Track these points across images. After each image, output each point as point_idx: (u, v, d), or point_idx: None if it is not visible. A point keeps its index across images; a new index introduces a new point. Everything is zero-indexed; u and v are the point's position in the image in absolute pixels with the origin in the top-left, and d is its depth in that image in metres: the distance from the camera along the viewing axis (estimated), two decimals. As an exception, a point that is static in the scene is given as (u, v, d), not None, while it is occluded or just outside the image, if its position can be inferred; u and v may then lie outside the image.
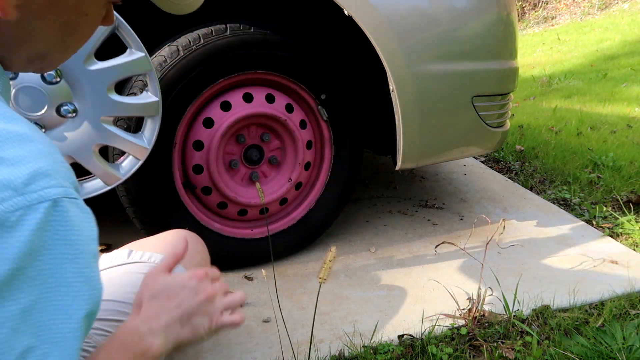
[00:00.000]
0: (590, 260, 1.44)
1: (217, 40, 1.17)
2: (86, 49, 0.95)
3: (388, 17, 1.19)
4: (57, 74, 0.95)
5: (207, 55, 1.16)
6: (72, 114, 0.99)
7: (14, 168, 0.33)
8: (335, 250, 0.82)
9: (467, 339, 1.08)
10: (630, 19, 8.13)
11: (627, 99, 3.99)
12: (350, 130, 1.41)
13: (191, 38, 1.16)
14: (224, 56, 1.17)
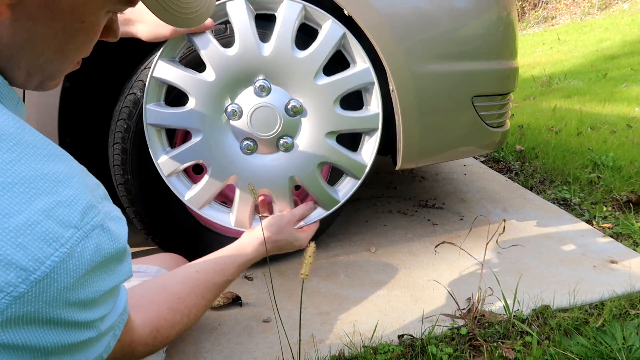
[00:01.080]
0: (590, 260, 1.44)
1: (217, 40, 1.17)
2: (315, 64, 1.00)
3: (388, 17, 1.19)
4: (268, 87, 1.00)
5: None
6: (297, 113, 1.04)
7: (70, 208, 0.41)
8: (315, 245, 0.81)
9: (467, 339, 1.08)
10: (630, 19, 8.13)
11: (627, 99, 3.99)
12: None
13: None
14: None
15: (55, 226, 0.39)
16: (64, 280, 0.40)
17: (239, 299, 1.24)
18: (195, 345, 1.08)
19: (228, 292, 1.25)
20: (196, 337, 1.11)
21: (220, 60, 1.02)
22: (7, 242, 0.37)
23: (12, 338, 0.38)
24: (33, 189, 0.39)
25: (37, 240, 0.38)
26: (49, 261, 0.39)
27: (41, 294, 0.39)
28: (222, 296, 1.23)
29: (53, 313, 0.40)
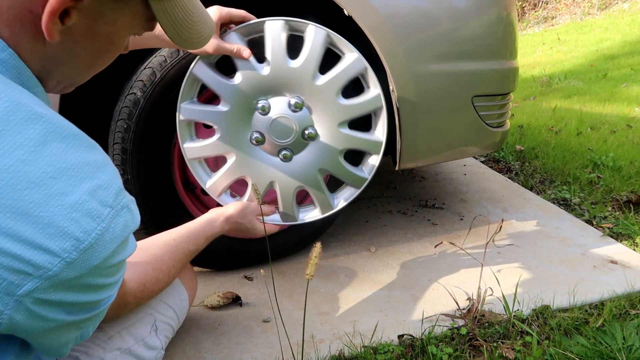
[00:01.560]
0: (590, 260, 1.44)
1: (217, 40, 1.17)
2: (337, 86, 1.11)
3: (388, 17, 1.19)
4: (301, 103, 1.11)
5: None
6: (313, 138, 1.15)
7: (107, 190, 0.49)
8: (320, 246, 0.82)
9: (467, 339, 1.08)
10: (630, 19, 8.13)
11: (627, 99, 3.99)
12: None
13: (191, 38, 1.16)
14: (224, 56, 1.17)
15: (97, 205, 0.48)
16: (102, 251, 0.49)
17: (239, 299, 1.24)
18: (195, 345, 1.08)
19: (228, 292, 1.25)
20: (196, 337, 1.11)
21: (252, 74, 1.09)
22: (64, 216, 0.45)
23: (57, 297, 0.47)
24: (80, 173, 0.47)
25: (85, 216, 0.47)
26: (94, 233, 0.47)
27: (85, 261, 0.47)
28: (222, 296, 1.23)
29: (90, 279, 0.49)
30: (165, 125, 1.19)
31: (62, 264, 0.45)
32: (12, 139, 0.44)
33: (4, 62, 0.48)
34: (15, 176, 0.43)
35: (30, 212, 0.44)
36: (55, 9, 0.47)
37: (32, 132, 0.45)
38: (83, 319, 0.53)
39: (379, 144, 1.23)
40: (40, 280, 0.45)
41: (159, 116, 1.17)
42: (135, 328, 0.86)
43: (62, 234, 0.45)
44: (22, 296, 0.45)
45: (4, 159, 0.43)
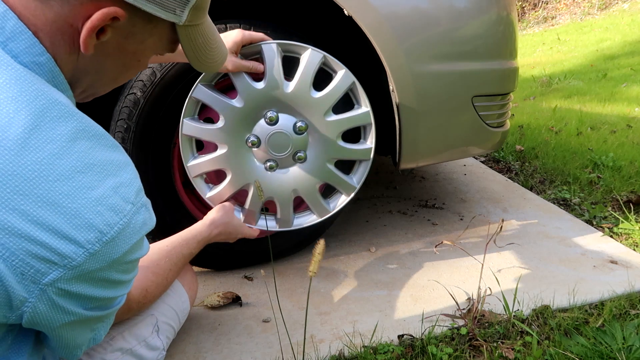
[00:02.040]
0: (590, 260, 1.44)
1: (217, 40, 1.17)
2: (328, 105, 1.19)
3: (388, 17, 1.19)
4: (305, 126, 1.19)
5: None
6: (302, 161, 1.23)
7: (129, 188, 0.53)
8: (324, 242, 0.83)
9: (467, 339, 1.08)
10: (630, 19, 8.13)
11: (627, 99, 3.99)
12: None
13: (191, 38, 1.16)
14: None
15: (120, 200, 0.51)
16: (122, 245, 0.51)
17: (239, 299, 1.24)
18: (195, 345, 1.08)
19: (228, 292, 1.25)
20: (196, 337, 1.11)
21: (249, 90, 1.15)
22: (90, 209, 0.48)
23: (77, 289, 0.49)
24: (105, 170, 0.50)
25: (108, 210, 0.49)
26: (116, 227, 0.50)
27: (106, 254, 0.50)
28: (222, 296, 1.23)
29: (108, 274, 0.52)
30: (165, 126, 1.19)
31: (86, 255, 0.48)
32: (47, 133, 0.47)
33: (41, 65, 0.52)
34: (47, 168, 0.46)
35: (60, 203, 0.46)
36: (95, 25, 0.52)
37: (65, 129, 0.48)
38: (97, 317, 0.55)
39: (369, 150, 1.28)
40: (65, 270, 0.47)
41: (159, 116, 1.17)
42: (137, 329, 0.87)
43: (87, 226, 0.48)
44: (46, 285, 0.47)
45: (38, 152, 0.46)
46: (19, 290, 0.46)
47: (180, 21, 0.59)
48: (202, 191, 1.22)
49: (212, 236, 1.06)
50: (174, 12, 0.57)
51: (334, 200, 1.33)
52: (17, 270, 0.45)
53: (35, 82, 0.49)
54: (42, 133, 0.46)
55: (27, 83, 0.48)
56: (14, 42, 0.49)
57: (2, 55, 0.48)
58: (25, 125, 0.45)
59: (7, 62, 0.48)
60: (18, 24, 0.49)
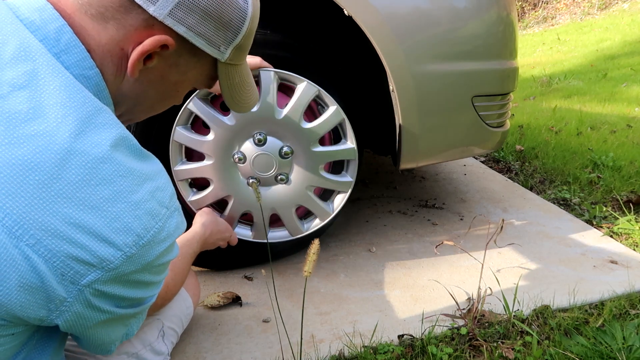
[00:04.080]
0: (590, 260, 1.44)
1: (217, 40, 1.17)
2: (315, 136, 1.24)
3: (388, 17, 1.19)
4: (290, 150, 1.24)
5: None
6: (283, 182, 1.28)
7: (164, 192, 0.54)
8: (318, 243, 0.83)
9: (467, 339, 1.08)
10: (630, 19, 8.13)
11: (627, 99, 3.99)
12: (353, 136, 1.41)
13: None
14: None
15: (156, 205, 0.52)
16: (157, 248, 0.53)
17: (239, 299, 1.24)
18: (195, 345, 1.08)
19: (228, 292, 1.25)
20: (196, 337, 1.11)
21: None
22: (129, 213, 0.49)
23: (112, 290, 0.51)
24: (143, 175, 0.52)
25: (146, 214, 0.51)
26: (152, 231, 0.51)
27: (141, 257, 0.51)
28: (222, 296, 1.23)
29: (141, 276, 0.53)
30: (165, 127, 1.19)
31: (123, 258, 0.49)
32: (92, 139, 0.48)
33: (89, 78, 0.54)
34: (91, 172, 0.47)
35: (101, 207, 0.48)
36: (146, 50, 0.55)
37: (108, 135, 0.50)
38: (130, 314, 0.57)
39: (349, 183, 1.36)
40: (102, 272, 0.49)
41: (159, 117, 1.17)
42: (143, 333, 0.87)
43: (126, 230, 0.49)
44: (84, 286, 0.48)
45: (83, 156, 0.47)
46: (58, 291, 0.47)
47: (223, 58, 0.62)
48: (185, 195, 1.26)
49: (207, 236, 1.10)
50: (218, 49, 0.61)
51: (309, 221, 1.39)
52: (58, 271, 0.46)
53: (84, 90, 0.51)
54: (88, 138, 0.48)
55: (76, 90, 0.50)
56: (67, 54, 0.52)
57: (56, 64, 0.50)
58: (72, 130, 0.47)
59: (60, 70, 0.50)
60: (73, 38, 0.52)
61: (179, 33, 0.56)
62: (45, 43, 0.51)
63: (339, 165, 1.36)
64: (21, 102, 0.46)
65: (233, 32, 0.61)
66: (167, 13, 0.55)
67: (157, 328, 0.91)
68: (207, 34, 0.58)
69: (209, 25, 0.58)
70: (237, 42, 0.62)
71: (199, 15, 0.57)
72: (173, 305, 0.97)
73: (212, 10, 0.57)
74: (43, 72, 0.49)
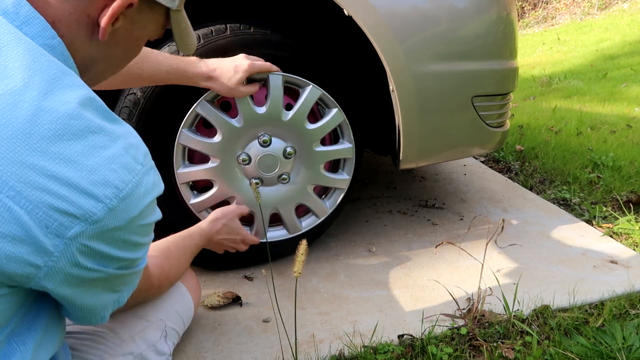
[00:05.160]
0: (590, 260, 1.44)
1: (217, 40, 1.17)
2: (317, 137, 1.28)
3: (388, 17, 1.19)
4: (293, 150, 1.28)
5: (207, 55, 1.16)
6: (285, 182, 1.31)
7: (138, 150, 0.55)
8: (306, 243, 0.85)
9: (467, 339, 1.08)
10: (630, 19, 8.13)
11: (627, 99, 3.99)
12: (352, 135, 1.41)
13: (191, 38, 1.16)
14: (224, 56, 1.17)
15: (131, 160, 0.54)
16: (138, 203, 0.54)
17: (239, 299, 1.24)
18: (195, 345, 1.08)
19: (228, 292, 1.25)
20: (196, 337, 1.11)
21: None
22: (105, 166, 0.51)
23: (99, 247, 0.52)
24: (115, 133, 0.53)
25: (122, 167, 0.52)
26: (130, 184, 0.53)
27: (124, 211, 0.52)
28: (222, 296, 1.23)
29: (127, 235, 0.55)
30: (166, 125, 1.19)
31: (105, 210, 0.51)
32: (60, 97, 0.50)
33: (53, 48, 0.55)
34: (62, 128, 0.49)
35: (76, 160, 0.49)
36: (116, 12, 0.57)
37: (76, 95, 0.51)
38: (118, 276, 0.58)
39: (346, 180, 1.39)
40: (87, 225, 0.50)
41: (159, 116, 1.17)
42: (146, 334, 0.89)
43: (104, 182, 0.50)
44: (70, 239, 0.49)
45: (53, 113, 0.48)
46: (45, 243, 0.48)
47: (174, 6, 0.66)
48: (187, 197, 1.26)
49: (214, 232, 1.12)
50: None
51: (305, 219, 1.41)
52: (42, 222, 0.47)
53: (48, 55, 0.53)
54: (56, 97, 0.50)
55: (41, 54, 0.52)
56: (28, 26, 0.53)
57: (18, 32, 0.52)
58: (39, 89, 0.49)
59: (22, 38, 0.51)
60: (31, 10, 0.54)
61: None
62: (5, 16, 0.52)
63: (336, 164, 1.39)
64: None
65: None
66: None
67: (160, 329, 0.91)
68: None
69: None
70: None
71: None
72: (176, 305, 0.97)
73: None
74: (5, 39, 0.50)
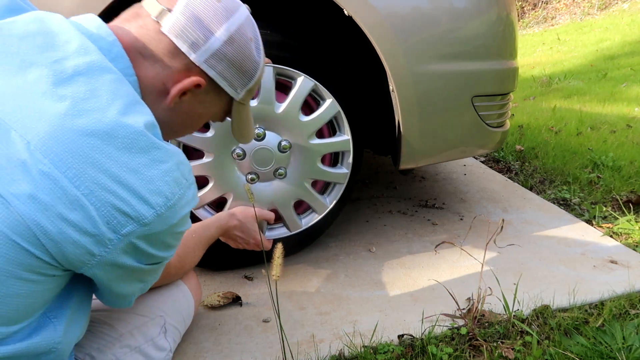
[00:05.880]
0: (590, 260, 1.44)
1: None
2: (312, 129, 1.27)
3: (388, 17, 1.19)
4: (288, 144, 1.26)
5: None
6: (282, 177, 1.30)
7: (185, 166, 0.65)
8: (282, 246, 0.87)
9: (467, 338, 1.08)
10: (630, 19, 8.13)
11: (627, 99, 3.99)
12: (350, 130, 1.41)
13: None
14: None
15: (180, 175, 0.63)
16: (178, 212, 0.63)
17: (239, 299, 1.24)
18: (195, 345, 1.08)
19: (228, 292, 1.25)
20: (196, 337, 1.11)
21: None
22: (161, 178, 0.60)
23: (142, 246, 0.61)
24: (170, 151, 0.62)
25: (173, 180, 0.61)
26: (177, 196, 0.61)
27: (167, 218, 0.61)
28: (222, 296, 1.23)
29: (165, 237, 0.63)
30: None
31: (155, 215, 0.59)
32: (133, 118, 0.59)
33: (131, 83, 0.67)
34: (133, 142, 0.58)
35: (139, 170, 0.58)
36: (185, 88, 0.70)
37: (145, 118, 0.61)
38: (147, 270, 0.67)
39: (344, 174, 1.38)
40: (138, 225, 0.59)
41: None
42: (146, 328, 0.90)
43: (157, 192, 0.59)
44: (123, 235, 0.58)
45: (127, 129, 0.58)
46: (104, 236, 0.57)
47: (238, 98, 0.77)
48: None
49: (230, 226, 1.16)
50: (236, 90, 0.76)
51: (306, 216, 1.40)
52: (105, 219, 0.57)
53: (128, 85, 0.64)
54: (130, 117, 0.59)
55: (123, 83, 0.63)
56: (116, 62, 0.65)
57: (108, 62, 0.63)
58: (119, 109, 0.59)
59: (111, 67, 0.63)
60: (121, 52, 0.66)
61: (210, 76, 0.72)
62: (101, 51, 0.63)
63: (336, 160, 1.38)
64: (81, 85, 0.59)
65: (248, 78, 0.76)
66: (204, 60, 0.70)
67: (160, 325, 0.92)
68: (230, 78, 0.74)
69: (232, 72, 0.74)
70: (250, 85, 0.77)
71: (226, 64, 0.72)
72: (177, 303, 0.98)
73: (237, 61, 0.73)
74: (98, 65, 0.61)
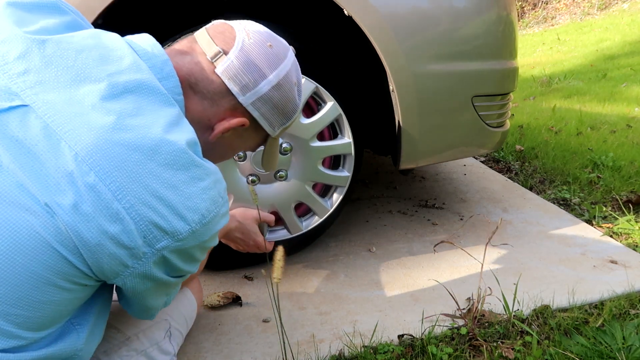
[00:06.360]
0: (590, 260, 1.44)
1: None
2: (313, 131, 1.26)
3: (388, 17, 1.19)
4: (289, 146, 1.26)
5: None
6: (282, 179, 1.31)
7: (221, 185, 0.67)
8: (283, 249, 0.86)
9: (467, 338, 1.08)
10: (630, 19, 8.13)
11: (627, 99, 3.99)
12: (351, 133, 1.41)
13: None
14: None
15: (216, 193, 0.64)
16: (211, 229, 0.64)
17: (239, 299, 1.24)
18: (195, 345, 1.08)
19: (228, 292, 1.25)
20: (196, 337, 1.11)
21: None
22: (198, 196, 0.61)
23: (173, 260, 0.62)
24: (208, 169, 0.64)
25: (209, 199, 0.62)
26: (212, 213, 0.63)
27: (200, 234, 0.62)
28: (222, 296, 1.23)
29: (195, 252, 0.64)
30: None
31: (189, 231, 0.60)
32: (176, 136, 0.61)
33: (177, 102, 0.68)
34: (174, 160, 0.60)
35: (178, 187, 0.59)
36: (231, 126, 0.73)
37: (187, 136, 0.63)
38: (173, 284, 0.68)
39: (345, 178, 1.38)
40: (172, 241, 0.60)
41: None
42: (151, 332, 0.90)
43: (194, 209, 0.60)
44: (157, 249, 0.59)
45: (170, 146, 0.60)
46: (139, 249, 0.58)
47: (273, 135, 0.81)
48: None
49: (230, 228, 1.15)
50: (273, 129, 0.79)
51: (307, 219, 1.40)
52: (142, 233, 0.57)
53: (174, 104, 0.65)
54: (173, 134, 0.61)
55: (169, 102, 0.64)
56: (166, 81, 0.67)
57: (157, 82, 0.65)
58: (163, 126, 0.60)
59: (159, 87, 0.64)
60: (172, 71, 0.68)
61: (254, 116, 0.75)
62: (152, 70, 0.66)
63: (337, 162, 1.38)
64: (129, 102, 0.60)
65: (287, 119, 0.80)
66: (251, 102, 0.73)
67: (165, 328, 0.92)
68: (270, 118, 0.77)
69: (274, 113, 0.77)
70: (287, 125, 0.81)
71: (270, 106, 0.76)
72: (180, 306, 0.98)
73: (280, 104, 0.77)
74: (147, 85, 0.63)
